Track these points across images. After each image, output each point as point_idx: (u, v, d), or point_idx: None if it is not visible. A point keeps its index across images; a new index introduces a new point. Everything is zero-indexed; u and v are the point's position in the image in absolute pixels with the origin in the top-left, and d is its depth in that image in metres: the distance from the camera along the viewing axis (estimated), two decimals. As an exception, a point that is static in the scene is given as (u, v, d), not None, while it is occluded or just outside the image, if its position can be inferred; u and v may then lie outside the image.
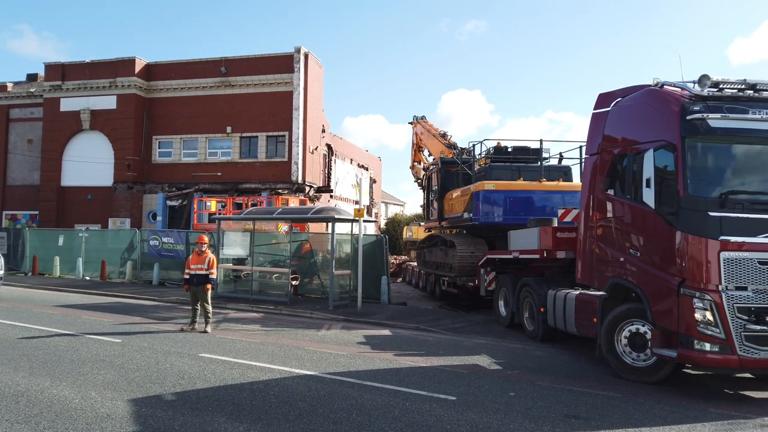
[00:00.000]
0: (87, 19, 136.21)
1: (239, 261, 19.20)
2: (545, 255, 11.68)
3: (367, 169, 44.93)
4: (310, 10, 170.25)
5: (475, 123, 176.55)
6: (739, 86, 7.96)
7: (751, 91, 7.94)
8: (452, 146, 21.68)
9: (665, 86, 8.46)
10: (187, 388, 7.37)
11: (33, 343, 10.10)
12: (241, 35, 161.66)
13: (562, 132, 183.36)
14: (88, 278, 23.44)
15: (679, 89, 8.23)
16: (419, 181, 26.02)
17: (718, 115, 7.59)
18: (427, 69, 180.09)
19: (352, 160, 42.03)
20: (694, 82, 8.12)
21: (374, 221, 35.95)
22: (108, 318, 13.60)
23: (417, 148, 26.44)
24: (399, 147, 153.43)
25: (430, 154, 24.83)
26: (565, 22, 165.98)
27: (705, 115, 7.59)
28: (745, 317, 7.18)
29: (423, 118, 25.66)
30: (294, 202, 26.66)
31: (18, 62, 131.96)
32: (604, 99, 9.82)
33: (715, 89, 7.94)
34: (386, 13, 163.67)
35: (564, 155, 18.05)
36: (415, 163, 27.06)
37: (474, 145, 18.97)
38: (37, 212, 34.91)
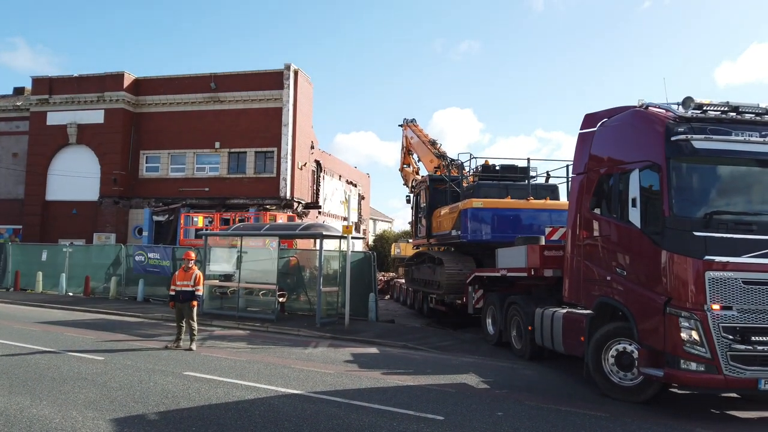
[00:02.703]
0: (80, 33, 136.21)
1: (226, 277, 19.03)
2: (533, 273, 11.71)
3: (355, 186, 44.98)
4: (305, 27, 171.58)
5: (465, 141, 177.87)
6: (723, 108, 8.09)
7: (734, 113, 8.08)
8: (441, 156, 21.66)
9: (650, 107, 8.59)
10: (171, 408, 7.25)
11: (13, 361, 9.89)
12: (232, 51, 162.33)
13: (552, 151, 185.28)
14: (71, 294, 23.09)
15: (664, 111, 8.35)
16: (407, 185, 26.00)
17: (702, 137, 7.69)
18: (420, 87, 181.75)
19: (340, 176, 42.08)
20: (678, 104, 8.24)
21: (362, 238, 35.91)
22: (91, 335, 13.38)
23: (407, 152, 26.46)
24: (389, 163, 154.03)
25: (419, 159, 24.86)
26: (556, 43, 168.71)
27: (689, 136, 7.70)
28: (731, 337, 7.21)
29: (413, 121, 25.65)
30: (282, 218, 26.56)
31: (10, 75, 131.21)
32: (590, 119, 9.93)
33: (699, 111, 8.07)
34: (382, 32, 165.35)
35: (551, 174, 18.21)
36: (405, 166, 27.05)
37: (462, 163, 19.07)
38: (20, 226, 34.45)
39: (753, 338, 7.21)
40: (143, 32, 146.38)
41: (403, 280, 25.46)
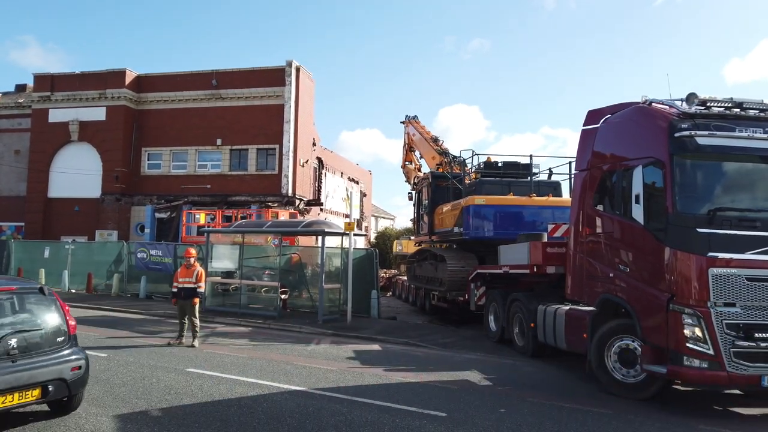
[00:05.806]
0: (90, 31, 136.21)
1: (228, 274, 19.05)
2: (535, 270, 11.70)
3: (357, 183, 44.96)
4: (313, 24, 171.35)
5: (471, 138, 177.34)
6: (726, 104, 8.05)
7: (738, 110, 8.04)
8: (444, 152, 21.61)
9: (653, 104, 8.56)
10: (174, 404, 7.26)
11: (16, 357, 9.90)
12: (233, 48, 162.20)
13: (558, 148, 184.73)
14: (73, 291, 23.12)
15: (667, 107, 8.32)
16: (409, 182, 25.95)
17: (706, 133, 7.66)
18: (427, 85, 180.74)
19: (342, 173, 42.06)
20: (682, 100, 8.22)
21: (364, 235, 35.91)
22: (93, 331, 13.39)
23: (408, 148, 26.36)
24: (394, 161, 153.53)
25: (421, 156, 24.80)
26: (566, 40, 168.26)
27: (693, 132, 7.67)
28: (734, 333, 7.20)
29: (415, 118, 25.50)
30: (284, 215, 26.57)
31: (19, 73, 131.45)
32: (593, 116, 9.90)
33: (703, 107, 8.02)
34: (392, 29, 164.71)
35: (554, 171, 18.17)
36: (407, 163, 26.97)
37: (464, 160, 19.06)
38: (23, 223, 34.50)
39: (756, 335, 7.21)
40: (145, 29, 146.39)
41: (405, 277, 25.46)
